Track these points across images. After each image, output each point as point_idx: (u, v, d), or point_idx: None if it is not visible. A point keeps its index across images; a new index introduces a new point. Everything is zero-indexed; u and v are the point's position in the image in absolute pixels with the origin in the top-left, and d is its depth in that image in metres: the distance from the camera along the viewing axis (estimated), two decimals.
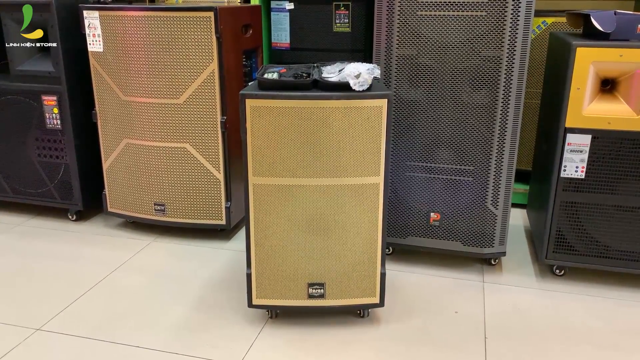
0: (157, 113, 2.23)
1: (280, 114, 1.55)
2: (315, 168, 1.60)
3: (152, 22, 2.13)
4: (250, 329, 1.77)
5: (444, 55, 1.91)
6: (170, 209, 2.35)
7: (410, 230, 2.12)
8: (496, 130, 1.93)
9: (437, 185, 2.05)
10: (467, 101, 1.93)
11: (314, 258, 1.69)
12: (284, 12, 2.66)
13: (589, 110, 1.85)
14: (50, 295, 1.98)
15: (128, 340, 1.72)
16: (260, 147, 1.59)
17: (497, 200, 2.00)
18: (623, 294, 1.99)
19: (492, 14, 1.83)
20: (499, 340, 1.73)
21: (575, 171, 1.89)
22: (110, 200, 2.47)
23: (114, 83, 2.27)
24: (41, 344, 1.71)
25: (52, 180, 2.54)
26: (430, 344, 1.71)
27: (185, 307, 1.90)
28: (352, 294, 1.73)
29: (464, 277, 2.10)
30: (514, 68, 1.86)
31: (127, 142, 2.32)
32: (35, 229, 2.54)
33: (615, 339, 1.74)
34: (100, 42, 2.24)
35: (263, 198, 1.63)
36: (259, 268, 1.71)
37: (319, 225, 1.66)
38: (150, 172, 2.32)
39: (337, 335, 1.75)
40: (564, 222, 1.96)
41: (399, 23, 1.92)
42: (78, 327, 1.79)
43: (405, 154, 2.04)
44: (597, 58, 1.78)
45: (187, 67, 2.16)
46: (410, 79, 1.97)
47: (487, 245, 2.06)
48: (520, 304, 1.92)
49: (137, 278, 2.10)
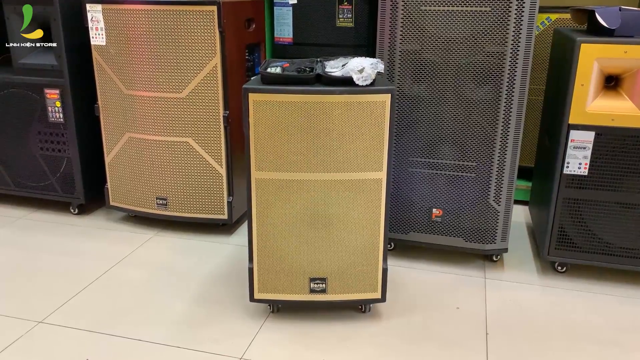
0: (160, 107, 2.23)
1: (283, 109, 1.55)
2: (318, 163, 1.60)
3: (155, 16, 2.12)
4: (251, 323, 1.78)
5: (447, 50, 1.90)
6: (172, 203, 2.35)
7: (412, 226, 2.12)
8: (499, 127, 1.93)
9: (440, 181, 2.04)
10: (471, 97, 1.93)
11: (316, 253, 1.69)
12: (287, 6, 2.65)
13: (593, 107, 1.84)
14: (52, 288, 1.98)
15: (130, 333, 1.73)
16: (262, 142, 1.59)
17: (500, 197, 2.00)
18: (625, 291, 1.99)
19: (497, 9, 1.82)
20: (500, 336, 1.73)
21: (579, 168, 1.89)
22: (112, 194, 2.47)
23: (117, 77, 2.27)
24: (43, 336, 1.71)
25: (54, 173, 2.54)
26: (432, 339, 1.71)
27: (187, 301, 1.91)
28: (354, 289, 1.73)
29: (466, 273, 2.10)
30: (517, 64, 1.85)
31: (130, 136, 2.32)
32: (37, 222, 2.54)
33: (617, 336, 1.74)
34: (103, 35, 2.23)
35: (265, 193, 1.63)
36: (260, 262, 1.71)
37: (321, 220, 1.66)
38: (153, 166, 2.32)
39: (338, 330, 1.75)
40: (566, 219, 1.96)
41: (403, 18, 1.91)
42: (80, 320, 1.79)
43: (407, 149, 2.04)
44: (601, 54, 1.77)
45: (189, 61, 2.15)
46: (414, 74, 1.96)
47: (489, 241, 2.06)
48: (521, 301, 1.92)
49: (139, 272, 2.10)
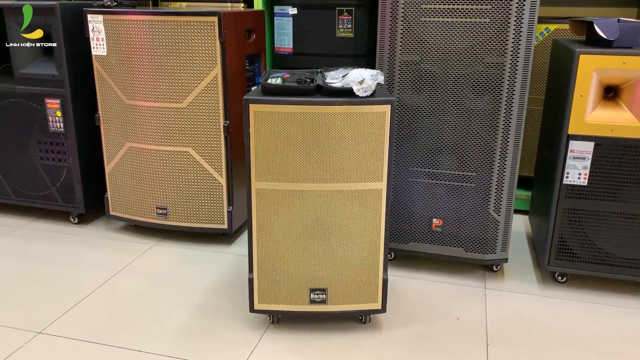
0: (160, 117, 2.23)
1: (284, 119, 1.56)
2: (318, 173, 1.60)
3: (156, 27, 2.14)
4: (251, 334, 1.77)
5: (447, 61, 1.91)
6: (172, 212, 2.35)
7: (412, 236, 2.12)
8: (499, 137, 1.93)
9: (440, 191, 2.05)
10: (470, 107, 1.93)
11: (316, 263, 1.69)
12: (287, 17, 2.66)
13: (592, 118, 1.85)
14: (52, 298, 1.98)
15: (129, 344, 1.72)
16: (263, 152, 1.59)
17: (500, 207, 2.00)
18: (625, 301, 1.99)
19: (496, 20, 1.84)
20: (500, 347, 1.72)
21: (578, 178, 1.89)
22: (112, 203, 2.47)
23: (117, 87, 2.27)
24: (42, 347, 1.71)
25: (55, 183, 2.54)
26: (432, 350, 1.70)
27: (187, 311, 1.90)
28: (354, 299, 1.73)
29: (466, 284, 2.10)
30: (517, 74, 1.86)
31: (130, 145, 2.33)
32: (37, 232, 2.54)
33: (618, 346, 1.73)
34: (104, 45, 2.24)
35: (266, 203, 1.64)
36: (261, 273, 1.71)
37: (321, 231, 1.66)
38: (153, 175, 2.32)
39: (338, 340, 1.74)
40: (566, 229, 1.96)
41: (403, 29, 1.92)
42: (79, 331, 1.78)
43: (407, 159, 2.04)
44: (600, 65, 1.79)
45: (190, 71, 2.16)
46: (413, 85, 1.97)
47: (489, 251, 2.06)
48: (522, 311, 1.92)
49: (139, 282, 2.10)
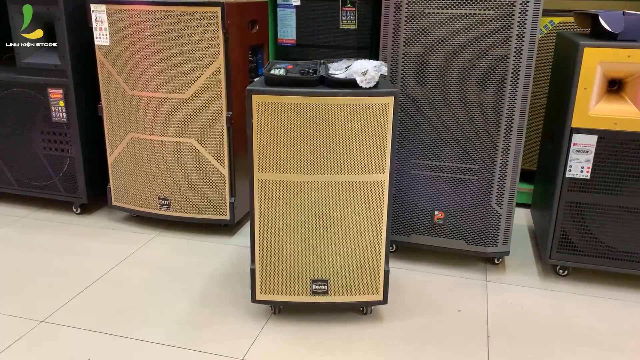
0: (163, 108, 2.23)
1: (287, 110, 1.55)
2: (321, 164, 1.60)
3: (159, 17, 2.13)
4: (253, 324, 1.78)
5: (450, 53, 1.90)
6: (174, 203, 2.35)
7: (414, 228, 2.12)
8: (502, 129, 1.93)
9: (442, 184, 2.05)
10: (474, 99, 1.93)
11: (317, 254, 1.69)
12: (290, 8, 2.66)
13: (596, 111, 1.84)
14: (54, 288, 1.98)
15: (131, 333, 1.73)
16: (265, 143, 1.59)
17: (502, 200, 2.00)
18: (627, 295, 1.99)
19: (500, 12, 1.83)
20: (501, 339, 1.73)
21: (581, 171, 1.89)
22: (115, 193, 2.47)
23: (120, 77, 2.27)
24: (45, 336, 1.72)
25: (57, 173, 2.54)
26: (433, 342, 1.71)
27: (189, 301, 1.91)
28: (356, 291, 1.73)
29: (468, 276, 2.10)
30: (520, 67, 1.86)
31: (133, 136, 2.33)
32: (40, 222, 2.55)
33: (619, 340, 1.74)
34: (107, 35, 2.24)
35: (268, 194, 1.64)
36: (262, 263, 1.71)
37: (323, 222, 1.66)
38: (155, 166, 2.32)
39: (339, 331, 1.75)
40: (569, 222, 1.96)
41: (406, 20, 1.91)
42: (82, 320, 1.79)
43: (410, 151, 2.04)
44: (604, 58, 1.78)
45: (193, 62, 2.16)
46: (417, 77, 1.96)
47: (491, 244, 2.06)
48: (523, 304, 1.92)
49: (141, 272, 2.11)
